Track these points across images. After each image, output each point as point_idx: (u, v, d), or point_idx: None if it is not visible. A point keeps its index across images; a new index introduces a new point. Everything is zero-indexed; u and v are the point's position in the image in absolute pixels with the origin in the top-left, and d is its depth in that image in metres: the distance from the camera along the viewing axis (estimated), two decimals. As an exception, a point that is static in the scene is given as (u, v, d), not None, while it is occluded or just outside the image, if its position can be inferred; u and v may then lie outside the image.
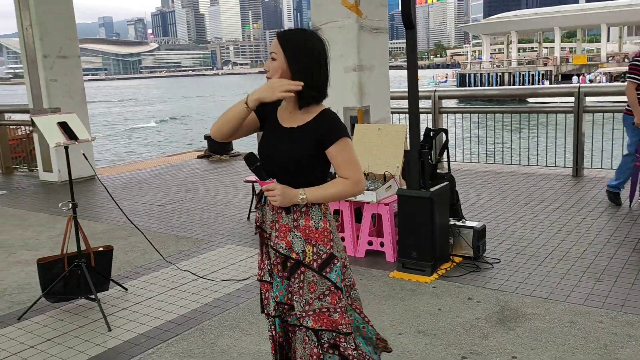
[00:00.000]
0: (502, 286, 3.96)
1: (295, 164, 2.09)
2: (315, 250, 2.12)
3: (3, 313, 3.91)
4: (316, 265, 2.12)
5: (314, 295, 2.14)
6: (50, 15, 8.38)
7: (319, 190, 2.10)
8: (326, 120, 2.10)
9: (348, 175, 2.09)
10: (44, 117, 3.73)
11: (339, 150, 2.08)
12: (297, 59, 2.06)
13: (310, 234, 2.13)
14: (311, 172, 2.13)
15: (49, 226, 6.17)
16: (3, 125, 9.96)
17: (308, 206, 2.12)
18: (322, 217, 2.15)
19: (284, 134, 2.14)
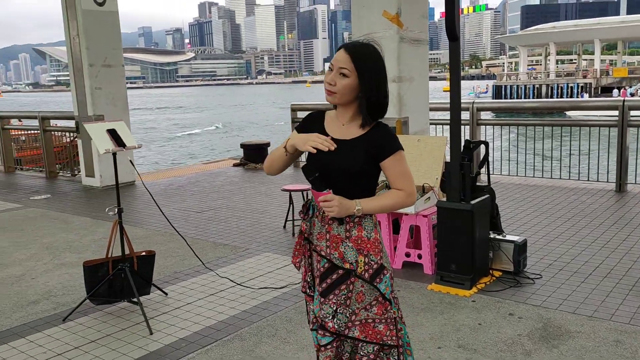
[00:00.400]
0: (545, 302, 3.88)
1: (350, 175, 2.11)
2: (367, 260, 2.13)
3: (49, 314, 4.03)
4: (367, 275, 2.13)
5: (361, 306, 2.14)
6: (96, 26, 8.65)
7: (374, 201, 2.12)
8: (382, 133, 2.13)
9: (402, 187, 2.13)
10: (94, 124, 3.85)
11: (394, 163, 2.11)
12: (370, 77, 2.08)
13: (362, 245, 2.14)
14: (364, 183, 2.15)
15: (92, 230, 6.33)
16: (48, 131, 10.28)
17: (361, 217, 2.14)
18: (373, 228, 2.17)
19: (339, 146, 2.12)
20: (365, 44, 2.12)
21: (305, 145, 2.07)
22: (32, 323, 3.87)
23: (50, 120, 10.45)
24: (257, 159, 10.56)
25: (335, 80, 2.08)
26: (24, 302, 4.27)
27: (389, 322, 2.17)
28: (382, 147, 2.10)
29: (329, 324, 2.16)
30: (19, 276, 4.86)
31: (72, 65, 8.88)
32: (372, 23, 5.80)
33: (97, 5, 8.65)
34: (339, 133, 2.17)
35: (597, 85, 52.62)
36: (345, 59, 2.07)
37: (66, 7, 8.67)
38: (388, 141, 2.12)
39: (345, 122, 2.17)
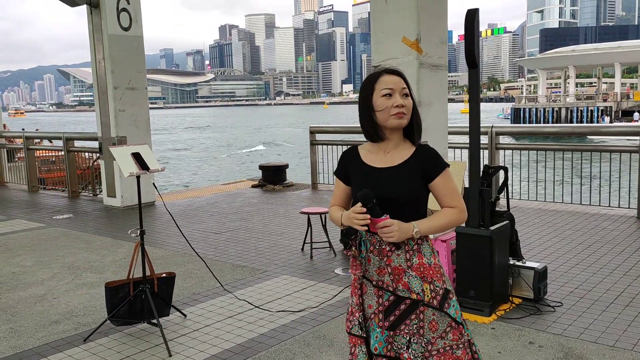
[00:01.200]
0: (566, 331, 3.83)
1: (404, 200, 2.12)
2: (432, 287, 2.12)
3: (70, 334, 4.08)
4: (436, 302, 2.12)
5: (436, 335, 2.12)
6: (121, 50, 8.87)
7: (430, 221, 2.13)
8: (428, 153, 2.18)
9: (454, 204, 2.16)
10: (119, 147, 3.95)
11: (444, 181, 2.15)
12: (414, 100, 2.22)
13: (425, 272, 2.13)
14: (417, 206, 2.16)
15: (113, 250, 6.42)
16: (72, 152, 10.50)
17: (419, 243, 2.14)
18: (432, 253, 2.17)
19: (384, 174, 2.16)
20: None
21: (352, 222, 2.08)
22: (54, 343, 3.93)
23: (75, 141, 10.67)
24: (276, 180, 10.64)
25: (404, 102, 2.14)
26: (46, 321, 4.34)
27: (465, 345, 2.15)
28: (430, 168, 2.14)
29: (404, 355, 2.12)
30: (41, 295, 4.94)
31: (97, 87, 9.09)
32: (392, 49, 5.87)
33: (123, 30, 8.88)
34: (382, 162, 2.19)
35: (618, 109, 52.16)
36: (401, 80, 2.16)
37: (93, 32, 8.92)
38: (435, 160, 2.16)
39: (389, 150, 2.20)
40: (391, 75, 2.17)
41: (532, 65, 75.69)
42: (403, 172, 2.14)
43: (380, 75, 2.18)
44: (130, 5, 8.93)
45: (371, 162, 2.21)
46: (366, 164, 2.22)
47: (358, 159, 2.25)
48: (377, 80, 2.17)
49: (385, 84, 2.15)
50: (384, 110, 2.13)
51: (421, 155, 2.16)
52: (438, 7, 5.97)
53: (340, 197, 2.31)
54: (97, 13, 8.74)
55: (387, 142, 2.20)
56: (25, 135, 11.45)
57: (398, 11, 5.78)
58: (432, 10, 5.86)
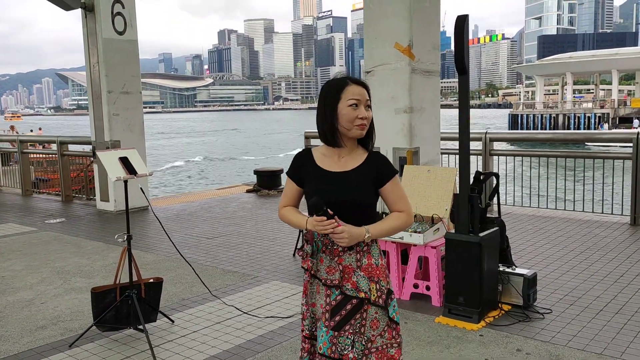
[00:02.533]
0: (554, 338, 3.81)
1: (356, 204, 2.19)
2: (378, 287, 2.21)
3: (55, 339, 4.05)
4: (381, 301, 2.20)
5: (376, 333, 2.21)
6: (116, 54, 8.86)
7: (381, 225, 2.21)
8: (380, 160, 2.25)
9: (403, 208, 2.25)
10: (106, 152, 3.93)
11: (394, 187, 2.23)
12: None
13: (373, 272, 2.21)
14: (368, 210, 2.24)
15: (104, 254, 6.39)
16: (66, 155, 10.47)
17: (369, 245, 2.22)
18: (379, 254, 2.26)
19: (340, 178, 2.22)
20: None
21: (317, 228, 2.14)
22: (39, 349, 3.90)
23: (68, 145, 10.64)
24: (270, 185, 10.62)
25: (366, 115, 2.21)
26: (33, 327, 4.31)
27: (400, 346, 2.25)
28: (381, 173, 2.22)
29: (349, 355, 2.18)
30: (29, 300, 4.91)
31: (91, 91, 9.08)
32: (384, 54, 5.87)
33: (118, 34, 8.88)
34: (336, 166, 2.26)
35: (615, 116, 52.28)
36: (366, 92, 2.23)
37: (87, 36, 8.91)
38: (386, 167, 2.24)
39: (344, 155, 2.26)
40: (357, 85, 2.22)
41: (529, 71, 75.90)
42: (355, 177, 2.20)
43: (346, 84, 2.22)
44: (125, 9, 8.93)
45: (325, 166, 2.27)
46: (320, 167, 2.28)
47: (312, 162, 2.30)
48: (344, 89, 2.21)
49: (352, 94, 2.19)
50: (348, 120, 2.19)
51: (373, 162, 2.24)
52: (431, 13, 5.98)
53: (292, 198, 2.38)
54: (91, 17, 8.74)
55: (342, 148, 2.25)
56: (20, 139, 11.42)
57: (390, 17, 5.78)
58: (424, 16, 5.87)
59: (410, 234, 4.59)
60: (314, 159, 2.30)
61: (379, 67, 5.94)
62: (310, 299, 2.28)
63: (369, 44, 6.06)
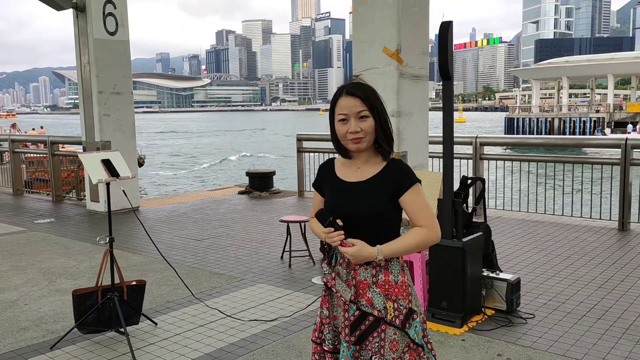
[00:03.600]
0: (535, 343, 3.82)
1: (372, 216, 2.06)
2: (396, 306, 2.07)
3: (37, 341, 4.04)
4: (398, 322, 2.06)
5: (396, 355, 2.06)
6: (107, 54, 8.85)
7: (397, 243, 2.05)
8: (398, 168, 2.10)
9: (424, 223, 2.06)
10: (88, 154, 3.93)
11: (413, 198, 2.06)
12: (380, 112, 2.10)
13: (390, 289, 2.07)
14: (383, 223, 2.08)
15: (91, 256, 6.37)
16: (57, 155, 10.45)
17: (387, 260, 2.07)
18: (400, 271, 2.10)
19: (354, 189, 2.12)
20: (361, 83, 2.14)
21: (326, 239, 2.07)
22: (20, 350, 3.88)
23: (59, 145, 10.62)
24: (262, 187, 10.62)
25: (360, 126, 2.06)
26: (15, 328, 4.29)
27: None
28: (399, 182, 2.07)
29: None
30: (13, 301, 4.89)
31: (82, 91, 9.07)
32: (373, 58, 5.89)
33: (109, 35, 8.87)
34: (354, 176, 2.15)
35: (610, 120, 52.47)
36: (357, 102, 2.07)
37: (79, 36, 8.90)
38: (404, 175, 2.08)
39: (361, 165, 2.15)
40: (348, 97, 2.08)
41: (526, 75, 76.15)
42: (370, 187, 2.09)
43: (339, 96, 2.11)
44: (116, 10, 8.93)
45: (343, 176, 2.18)
46: (339, 177, 2.18)
47: (332, 172, 2.22)
48: (336, 103, 2.12)
49: (340, 108, 2.09)
50: (341, 136, 2.11)
51: (391, 170, 2.10)
52: (419, 19, 6.00)
53: (318, 207, 2.26)
54: (83, 17, 8.73)
55: (356, 158, 2.16)
56: (11, 138, 11.40)
57: (379, 21, 5.80)
58: (413, 21, 5.88)
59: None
60: (334, 168, 2.23)
61: (367, 71, 5.95)
62: (332, 311, 2.17)
63: (357, 48, 6.07)
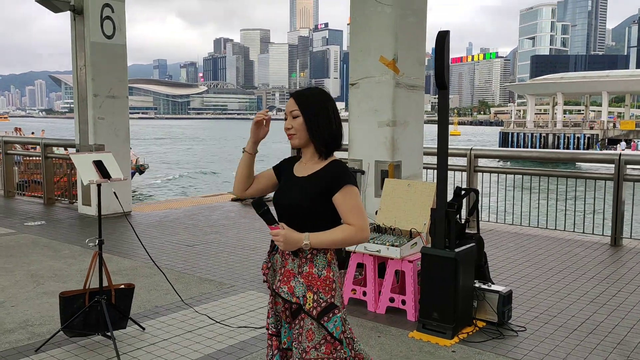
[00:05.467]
0: (526, 356, 3.79)
1: (303, 209, 2.20)
2: (316, 297, 2.18)
3: (22, 344, 3.98)
4: (315, 312, 2.18)
5: (311, 344, 2.18)
6: (103, 58, 8.82)
7: (323, 235, 2.17)
8: (333, 169, 2.24)
9: (353, 222, 2.17)
10: (80, 155, 3.89)
11: (343, 197, 2.18)
12: (312, 112, 2.25)
13: (313, 281, 2.20)
14: (319, 218, 2.21)
15: (80, 259, 6.31)
16: (49, 158, 10.38)
17: (313, 253, 2.20)
18: (325, 266, 2.22)
19: (295, 183, 2.29)
20: (309, 87, 2.34)
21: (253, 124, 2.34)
22: (4, 352, 3.82)
23: (53, 148, 10.55)
24: (255, 195, 10.57)
25: (291, 124, 2.27)
26: (1, 330, 4.23)
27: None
28: (332, 182, 2.19)
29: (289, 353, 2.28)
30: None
31: (77, 94, 9.03)
32: (369, 67, 5.89)
33: (106, 38, 8.85)
34: (300, 171, 2.31)
35: (604, 137, 52.83)
36: (292, 102, 2.28)
37: (75, 39, 8.88)
38: (338, 176, 2.20)
39: (306, 161, 2.31)
40: (290, 99, 2.30)
41: (521, 90, 76.65)
42: (306, 184, 2.23)
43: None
44: (114, 13, 8.92)
45: (295, 171, 2.34)
46: (292, 172, 2.35)
47: (291, 167, 2.38)
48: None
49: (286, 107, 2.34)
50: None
51: (328, 170, 2.23)
52: (417, 29, 6.02)
53: (260, 176, 2.43)
54: (80, 20, 8.71)
55: (304, 152, 2.33)
56: (4, 140, 11.33)
57: (376, 31, 5.81)
58: (410, 31, 5.90)
59: (387, 247, 4.58)
60: (294, 164, 2.39)
61: (363, 79, 5.96)
62: (275, 297, 2.32)
63: (354, 57, 6.08)
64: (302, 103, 2.25)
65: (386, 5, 5.71)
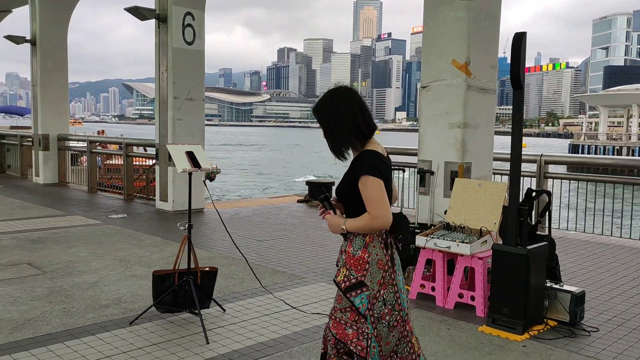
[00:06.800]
0: (599, 354, 3.80)
1: (341, 197, 2.49)
2: (347, 273, 2.43)
3: (117, 317, 4.36)
4: (344, 285, 2.42)
5: (339, 306, 2.46)
6: (184, 63, 9.36)
7: (354, 221, 2.41)
8: (355, 161, 2.43)
9: (369, 211, 2.36)
10: (175, 145, 4.24)
11: (361, 187, 2.36)
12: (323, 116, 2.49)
13: (348, 259, 2.44)
14: (356, 205, 2.40)
15: (161, 248, 6.74)
16: (130, 157, 11.05)
17: (354, 235, 2.43)
18: (361, 247, 2.42)
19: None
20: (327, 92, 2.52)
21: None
22: (102, 323, 4.21)
23: (133, 147, 11.22)
24: (321, 197, 10.81)
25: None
26: (97, 305, 4.64)
27: (359, 332, 2.40)
28: (353, 173, 2.40)
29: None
30: (93, 283, 5.27)
31: (159, 98, 9.60)
32: (441, 70, 6.01)
33: (187, 44, 9.39)
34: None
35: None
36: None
37: (159, 45, 9.46)
38: (359, 167, 2.39)
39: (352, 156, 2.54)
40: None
41: (593, 101, 73.62)
42: (344, 175, 2.47)
43: None
44: (195, 21, 9.45)
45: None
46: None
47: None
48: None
49: None
50: None
51: (353, 162, 2.44)
52: (490, 33, 6.09)
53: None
54: (164, 27, 9.29)
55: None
56: (90, 139, 12.15)
57: (448, 35, 5.93)
58: (483, 35, 5.98)
59: (457, 244, 4.67)
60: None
61: (435, 82, 6.08)
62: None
63: (426, 60, 6.22)
64: (316, 112, 2.51)
65: (460, 9, 5.82)
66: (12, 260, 6.03)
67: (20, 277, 5.40)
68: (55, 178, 12.92)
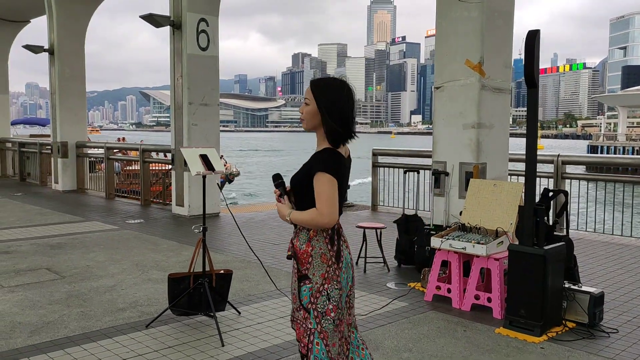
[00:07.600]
0: (618, 356, 3.74)
1: (294, 188, 2.48)
2: (295, 265, 2.48)
3: (134, 320, 4.39)
4: (295, 277, 2.47)
5: (295, 306, 2.49)
6: (198, 68, 9.44)
7: (300, 214, 2.42)
8: (316, 155, 2.41)
9: (318, 207, 2.35)
10: (189, 149, 4.28)
11: (315, 182, 2.36)
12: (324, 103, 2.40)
13: (295, 252, 2.48)
14: (307, 198, 2.40)
15: (177, 252, 6.79)
16: (147, 162, 11.16)
17: (299, 229, 2.47)
18: (306, 241, 2.44)
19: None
20: (329, 77, 2.51)
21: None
22: (119, 327, 4.24)
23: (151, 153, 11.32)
24: (336, 201, 10.80)
25: (303, 110, 2.45)
26: (114, 308, 4.68)
27: (305, 329, 2.44)
28: (310, 167, 2.39)
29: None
30: (111, 286, 5.32)
31: (174, 103, 9.69)
32: (454, 70, 5.98)
33: (201, 50, 9.47)
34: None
35: None
36: (308, 90, 2.45)
37: (173, 51, 9.56)
38: (315, 163, 2.38)
39: (317, 145, 2.49)
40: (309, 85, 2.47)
41: (612, 102, 72.66)
42: (303, 165, 2.46)
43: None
44: (209, 27, 9.53)
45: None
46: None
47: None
48: None
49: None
50: None
51: (313, 156, 2.41)
52: (504, 32, 6.05)
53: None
54: (178, 34, 9.38)
55: (316, 137, 2.50)
56: (107, 146, 12.29)
57: (462, 34, 5.90)
58: (497, 34, 5.94)
59: (473, 245, 4.64)
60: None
61: (448, 83, 6.05)
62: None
63: (439, 61, 6.19)
64: (315, 92, 2.41)
65: (473, 9, 5.79)
66: (31, 265, 6.12)
67: (39, 281, 5.48)
68: (73, 185, 13.10)
